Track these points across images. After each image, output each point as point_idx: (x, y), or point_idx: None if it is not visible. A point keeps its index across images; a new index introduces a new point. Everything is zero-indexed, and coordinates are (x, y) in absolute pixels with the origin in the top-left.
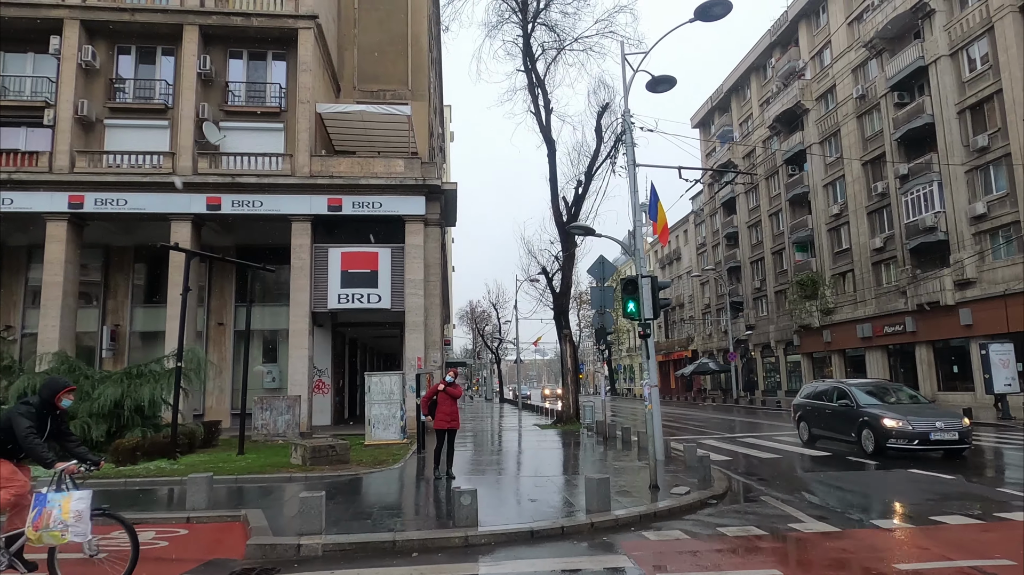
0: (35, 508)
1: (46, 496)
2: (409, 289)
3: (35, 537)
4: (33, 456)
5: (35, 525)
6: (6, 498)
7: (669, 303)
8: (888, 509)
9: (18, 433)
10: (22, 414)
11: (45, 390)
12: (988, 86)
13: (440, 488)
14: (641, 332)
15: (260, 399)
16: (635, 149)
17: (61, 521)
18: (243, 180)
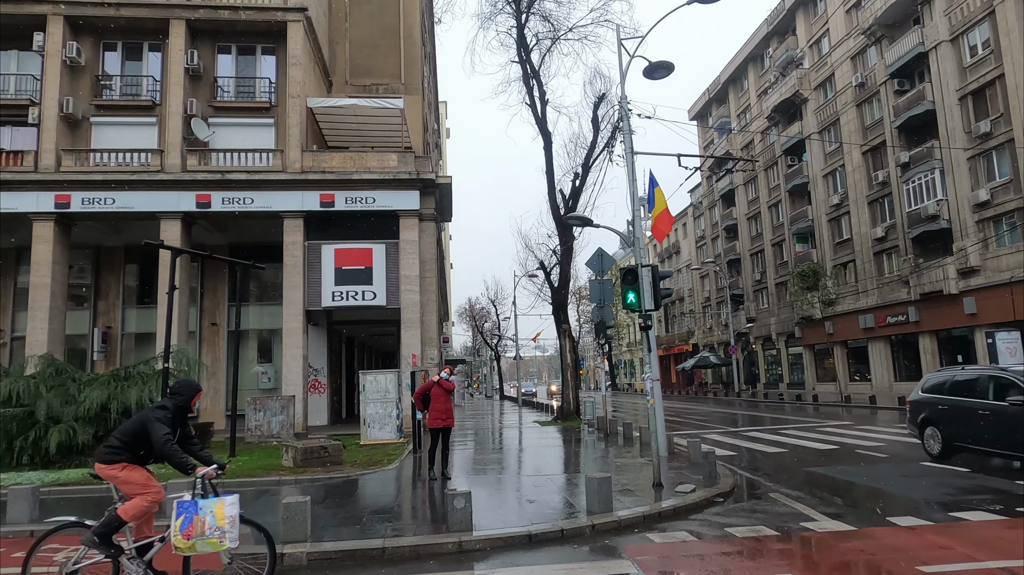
0: (181, 515)
1: (196, 503)
2: (404, 285)
3: (186, 545)
4: (172, 463)
5: (186, 533)
6: (144, 505)
7: (670, 293)
8: (904, 505)
9: (155, 440)
10: (159, 419)
11: (182, 394)
12: (989, 71)
13: (435, 490)
14: (642, 324)
15: (253, 400)
16: (633, 137)
17: (217, 527)
18: (233, 177)
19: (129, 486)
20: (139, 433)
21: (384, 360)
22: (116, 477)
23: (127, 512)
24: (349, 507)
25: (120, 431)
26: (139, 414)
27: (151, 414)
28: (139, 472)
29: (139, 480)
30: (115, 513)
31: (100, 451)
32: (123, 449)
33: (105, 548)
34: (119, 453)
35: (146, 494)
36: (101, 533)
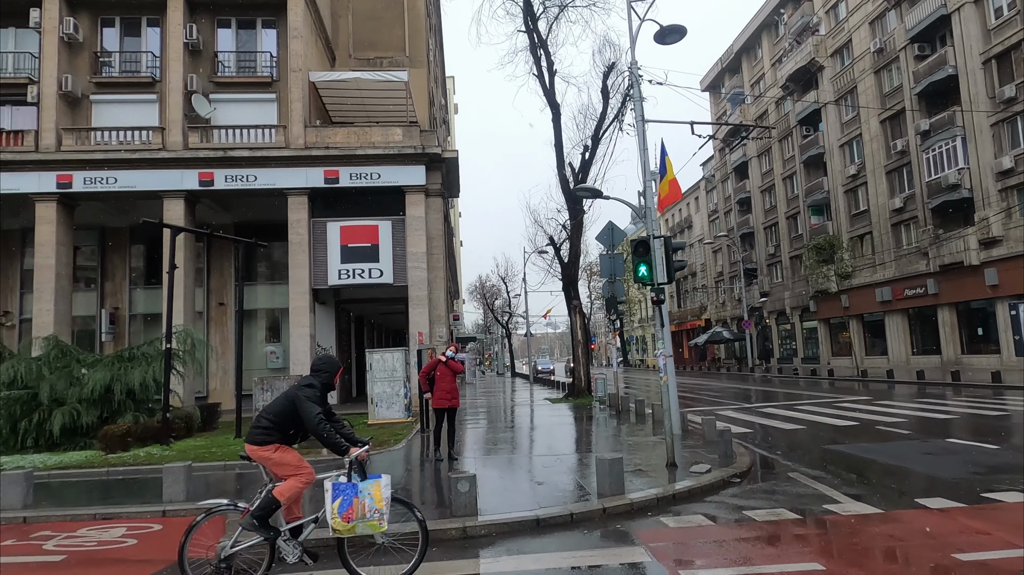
0: (338, 498)
1: (355, 485)
2: (411, 262)
3: (346, 528)
4: (325, 443)
5: (345, 516)
6: (299, 486)
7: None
8: (932, 485)
9: (307, 419)
10: (310, 398)
11: (325, 371)
12: (1016, 32)
13: (441, 471)
14: (654, 298)
15: (261, 380)
16: (643, 104)
17: (376, 509)
18: (236, 154)
19: (282, 467)
20: (288, 412)
21: (394, 338)
22: (269, 458)
23: (283, 494)
24: None
25: (268, 411)
26: (285, 393)
27: (299, 392)
28: (292, 453)
29: (292, 461)
30: (271, 495)
31: (251, 432)
32: (274, 429)
33: (264, 531)
34: (271, 434)
35: (300, 475)
36: (259, 515)
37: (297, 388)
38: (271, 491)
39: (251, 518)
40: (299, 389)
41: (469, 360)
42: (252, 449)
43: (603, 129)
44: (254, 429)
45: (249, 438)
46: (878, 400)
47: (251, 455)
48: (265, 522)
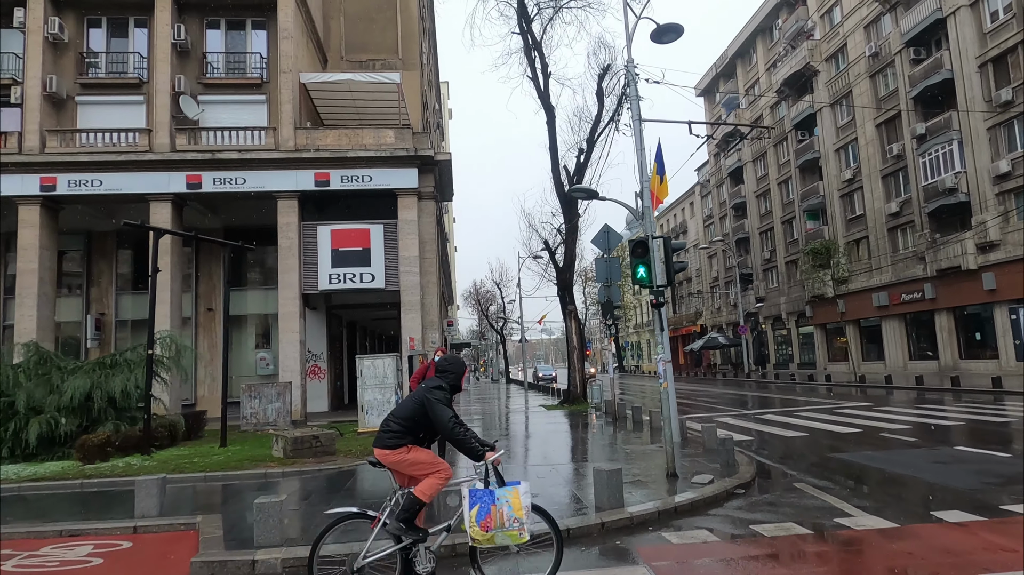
0: (476, 505)
1: (491, 492)
2: (404, 267)
3: (485, 538)
4: (461, 447)
5: (484, 524)
6: (439, 484)
7: (684, 267)
8: (946, 496)
9: (441, 423)
10: (441, 401)
11: (452, 372)
12: (1012, 36)
13: None
14: (653, 301)
15: (249, 387)
16: (640, 104)
17: (516, 518)
18: (224, 156)
19: (418, 467)
20: (418, 416)
21: (388, 344)
22: (404, 460)
23: (425, 493)
24: (334, 503)
25: (397, 415)
26: (414, 395)
27: (430, 395)
28: (425, 452)
29: (428, 459)
30: (412, 495)
31: (380, 437)
32: (405, 433)
33: (414, 533)
34: (402, 437)
35: (438, 472)
36: (405, 518)
37: (426, 391)
38: (411, 492)
39: (397, 522)
40: (428, 391)
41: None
42: (384, 453)
43: (598, 132)
44: (383, 434)
45: (379, 443)
46: (879, 406)
47: (382, 460)
48: (413, 524)
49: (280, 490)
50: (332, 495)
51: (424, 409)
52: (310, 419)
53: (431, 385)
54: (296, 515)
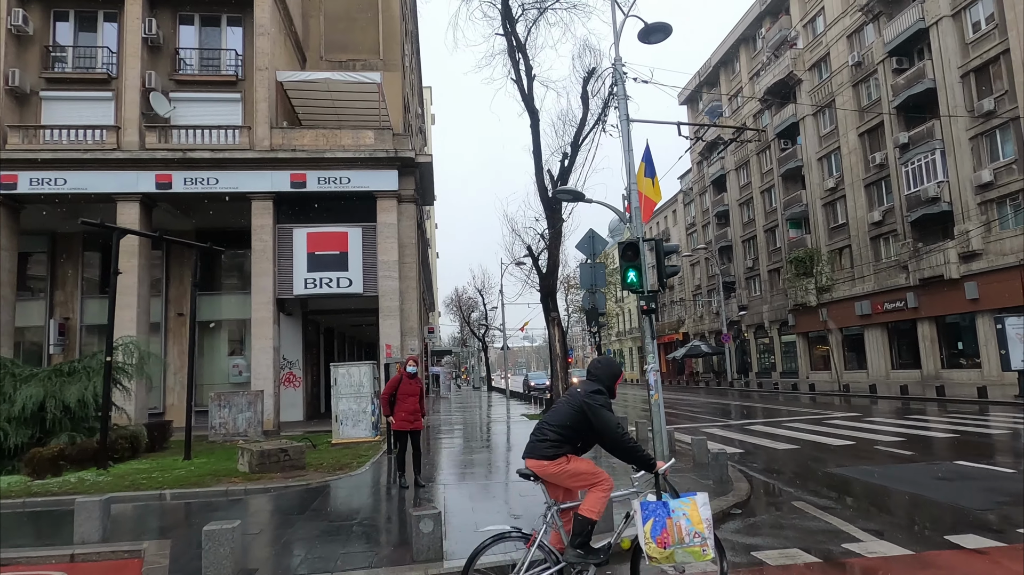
0: (649, 519)
1: (665, 504)
2: (382, 271)
3: (663, 555)
4: (629, 457)
5: (660, 540)
6: (604, 497)
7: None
8: (957, 517)
9: (608, 430)
10: (605, 406)
11: (608, 375)
12: (994, 46)
13: (407, 501)
14: (644, 306)
15: (218, 395)
16: (627, 103)
17: (697, 533)
18: (196, 155)
19: (580, 478)
20: (577, 424)
21: (367, 352)
22: (564, 471)
23: (592, 510)
24: (299, 526)
25: (554, 423)
26: (570, 401)
27: (591, 400)
28: (585, 462)
29: (589, 470)
30: (581, 517)
31: (534, 447)
32: (563, 442)
33: (594, 556)
34: (560, 446)
35: (601, 483)
36: (580, 543)
37: (584, 396)
38: (578, 513)
39: (574, 550)
40: (588, 397)
41: (444, 374)
42: (540, 465)
43: (583, 135)
44: (539, 443)
45: (534, 453)
46: (867, 417)
47: (539, 472)
48: (590, 548)
49: (240, 510)
50: (297, 516)
51: (583, 416)
52: (284, 429)
53: (589, 390)
54: (255, 540)
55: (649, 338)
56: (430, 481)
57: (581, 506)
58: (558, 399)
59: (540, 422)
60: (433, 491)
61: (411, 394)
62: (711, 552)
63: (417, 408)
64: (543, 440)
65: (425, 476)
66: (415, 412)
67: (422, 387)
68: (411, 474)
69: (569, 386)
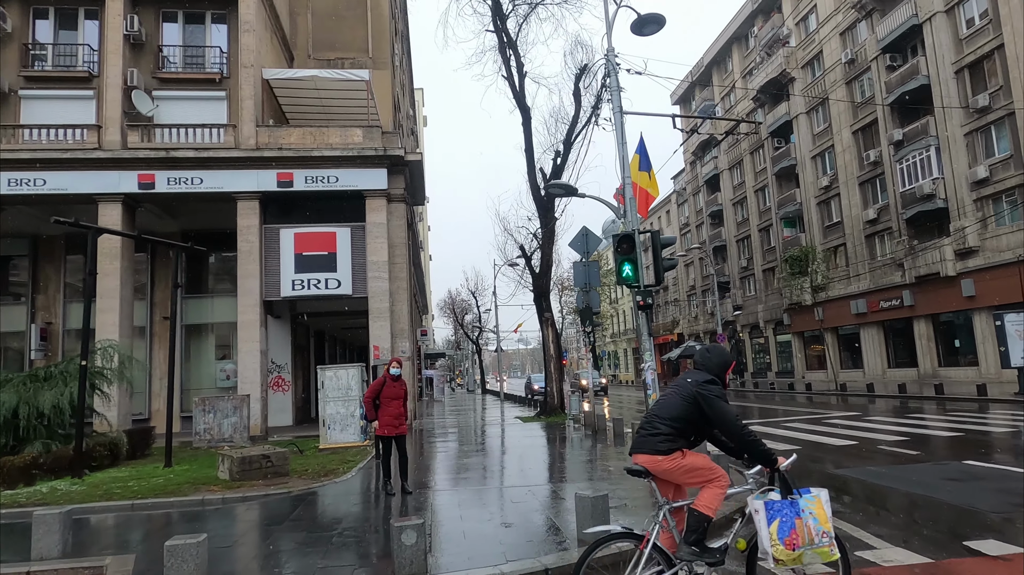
0: (775, 519)
1: (794, 503)
2: (372, 272)
3: (791, 558)
4: (751, 451)
5: (789, 542)
6: (720, 493)
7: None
8: (974, 521)
9: (727, 421)
10: (720, 397)
11: (719, 364)
12: (988, 42)
13: (393, 509)
14: (640, 302)
15: (202, 400)
16: (620, 95)
17: (825, 532)
18: (180, 154)
19: (695, 474)
20: (691, 416)
21: (359, 355)
22: (679, 467)
23: (710, 506)
24: (277, 537)
25: (664, 415)
26: (679, 393)
27: (705, 391)
28: (700, 456)
29: (705, 465)
30: (697, 513)
31: (646, 442)
32: (677, 436)
33: (710, 555)
34: (675, 440)
35: (717, 479)
36: (696, 540)
37: (697, 386)
38: (693, 509)
39: (689, 547)
40: (701, 387)
41: (438, 377)
42: (654, 460)
43: (575, 133)
44: (650, 437)
45: (646, 448)
46: (867, 416)
47: (652, 468)
48: (706, 546)
49: (215, 521)
50: (276, 526)
51: (696, 407)
52: (272, 434)
53: (701, 379)
54: (226, 554)
55: (646, 335)
56: (425, 486)
57: (696, 501)
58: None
59: (649, 415)
60: (421, 498)
61: (395, 397)
62: (837, 552)
63: (402, 412)
64: (655, 434)
65: (416, 481)
66: (399, 416)
67: (407, 390)
68: (399, 480)
69: (576, 385)
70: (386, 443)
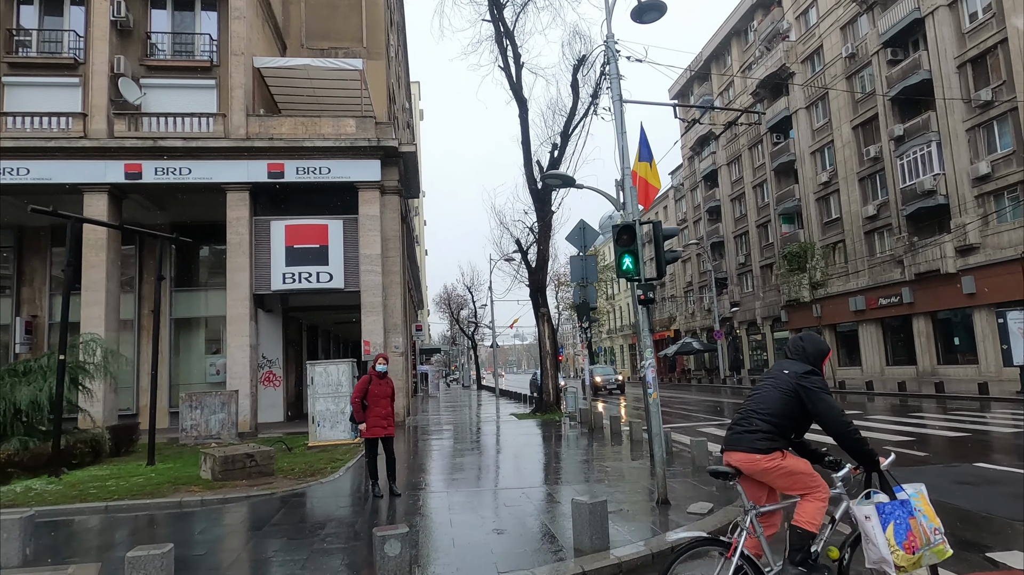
0: (890, 522)
1: (906, 502)
2: (364, 265)
3: (911, 562)
4: (855, 450)
5: (908, 545)
6: (822, 506)
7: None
8: (995, 529)
9: (832, 418)
10: (824, 390)
11: (816, 353)
12: (991, 36)
13: (381, 512)
14: (641, 296)
15: (189, 395)
16: (620, 83)
17: (937, 529)
18: (167, 144)
19: (795, 480)
20: (793, 411)
21: (353, 350)
22: (779, 467)
23: (811, 522)
24: (254, 543)
25: (762, 411)
26: (778, 385)
27: (807, 383)
28: (801, 460)
29: (806, 470)
30: (799, 530)
31: (742, 438)
32: (778, 434)
33: (819, 572)
34: (775, 439)
35: (817, 490)
36: (801, 560)
37: (798, 378)
38: (794, 526)
39: (795, 568)
40: (803, 378)
41: (433, 373)
42: (750, 459)
43: (573, 125)
44: (747, 434)
45: (742, 445)
46: (868, 415)
47: (748, 468)
48: (811, 562)
49: (191, 524)
50: (255, 531)
51: (798, 402)
52: (262, 430)
53: (800, 370)
54: (199, 563)
55: (646, 331)
56: (415, 488)
57: (797, 517)
58: (759, 383)
59: (746, 410)
60: (410, 500)
61: (383, 396)
62: (949, 549)
63: (390, 411)
64: (752, 431)
65: (405, 483)
66: (387, 416)
67: (394, 388)
68: (386, 482)
69: (593, 382)
70: (373, 444)
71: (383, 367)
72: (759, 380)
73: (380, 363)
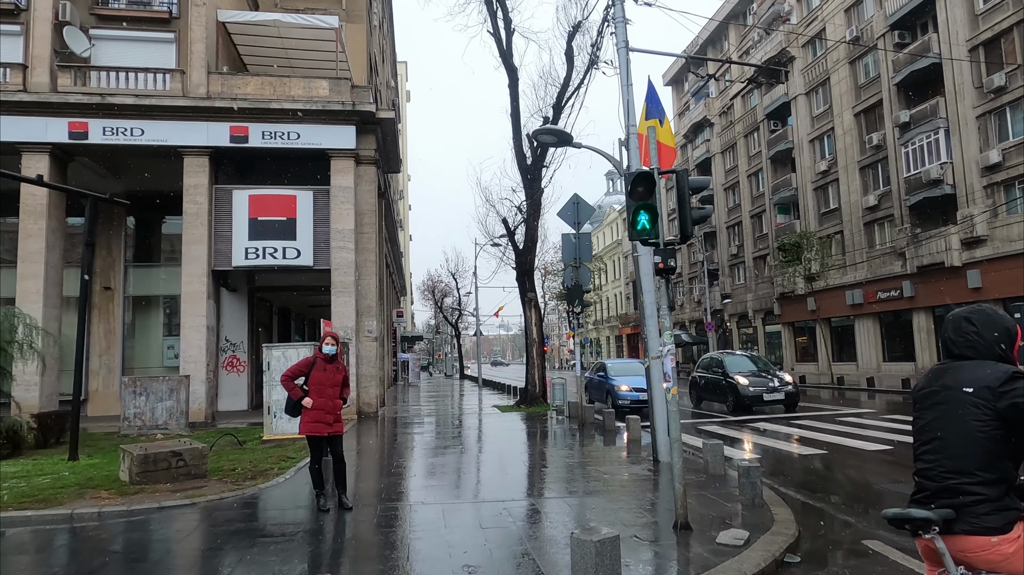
0: None
1: None
2: (336, 241)
3: None
4: None
5: None
6: None
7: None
8: None
9: None
10: None
11: (1005, 334)
12: (1006, 17)
13: (324, 536)
14: (660, 264)
15: (132, 381)
16: (626, 27)
17: None
18: (117, 100)
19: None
20: (1001, 449)
21: None
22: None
23: None
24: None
25: (971, 463)
26: (959, 409)
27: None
28: None
29: None
30: None
31: (961, 513)
32: (1003, 494)
33: None
34: (1006, 507)
35: None
36: None
37: (992, 396)
38: None
39: None
40: (1006, 393)
41: (413, 361)
42: (985, 544)
43: (567, 96)
44: (965, 508)
45: (964, 524)
46: (883, 414)
47: (977, 557)
48: None
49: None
50: (141, 564)
51: (1006, 427)
52: (221, 420)
53: (993, 380)
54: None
55: (664, 309)
56: (375, 499)
57: None
58: (923, 412)
59: (933, 467)
60: (362, 517)
61: (330, 384)
62: None
63: (338, 404)
64: (973, 497)
65: (365, 490)
66: (334, 411)
67: (346, 375)
68: (334, 492)
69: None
70: (317, 444)
71: (331, 348)
72: (919, 406)
73: (328, 343)
